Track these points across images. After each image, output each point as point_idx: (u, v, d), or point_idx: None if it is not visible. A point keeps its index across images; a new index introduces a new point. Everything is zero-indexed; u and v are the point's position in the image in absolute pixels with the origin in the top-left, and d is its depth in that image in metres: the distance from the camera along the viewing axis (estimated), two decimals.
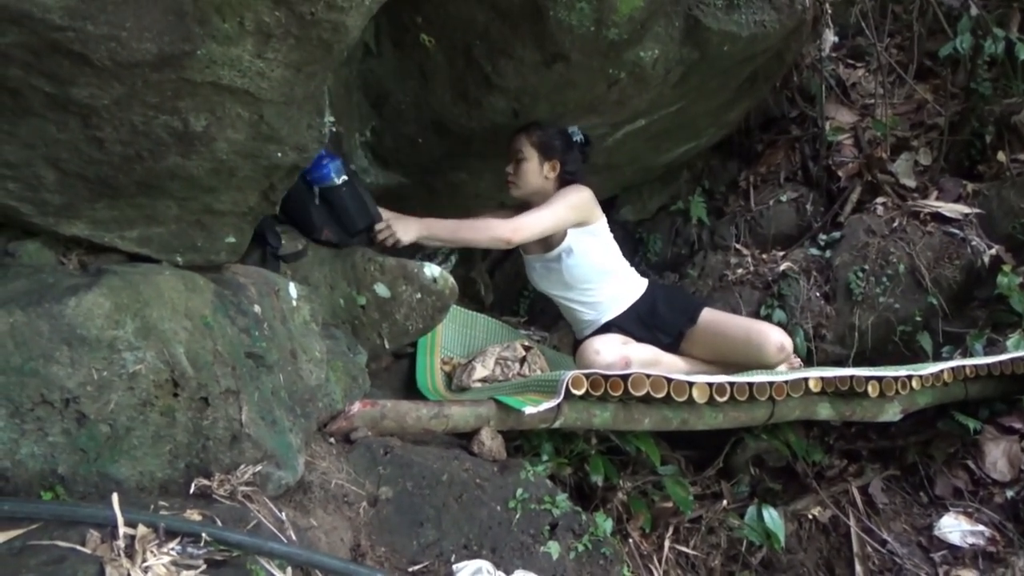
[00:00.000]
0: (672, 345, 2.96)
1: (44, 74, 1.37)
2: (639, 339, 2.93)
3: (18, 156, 1.50)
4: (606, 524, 2.13)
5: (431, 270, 2.59)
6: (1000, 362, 2.90)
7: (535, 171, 2.92)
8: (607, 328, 2.97)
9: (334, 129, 2.39)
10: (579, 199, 2.88)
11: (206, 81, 1.51)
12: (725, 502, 2.74)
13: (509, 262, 4.21)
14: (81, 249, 1.77)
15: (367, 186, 2.79)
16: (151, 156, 1.59)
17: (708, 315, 2.95)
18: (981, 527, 2.71)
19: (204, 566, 1.27)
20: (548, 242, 2.96)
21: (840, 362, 3.39)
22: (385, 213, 2.65)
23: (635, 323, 2.98)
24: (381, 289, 2.52)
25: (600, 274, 3.00)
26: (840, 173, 4.01)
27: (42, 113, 1.44)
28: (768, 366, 2.77)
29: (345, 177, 2.54)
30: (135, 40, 1.36)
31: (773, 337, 2.77)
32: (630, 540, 2.46)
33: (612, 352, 2.69)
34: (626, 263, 3.10)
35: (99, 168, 1.57)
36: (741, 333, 2.84)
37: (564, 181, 2.94)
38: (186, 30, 1.43)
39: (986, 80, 3.76)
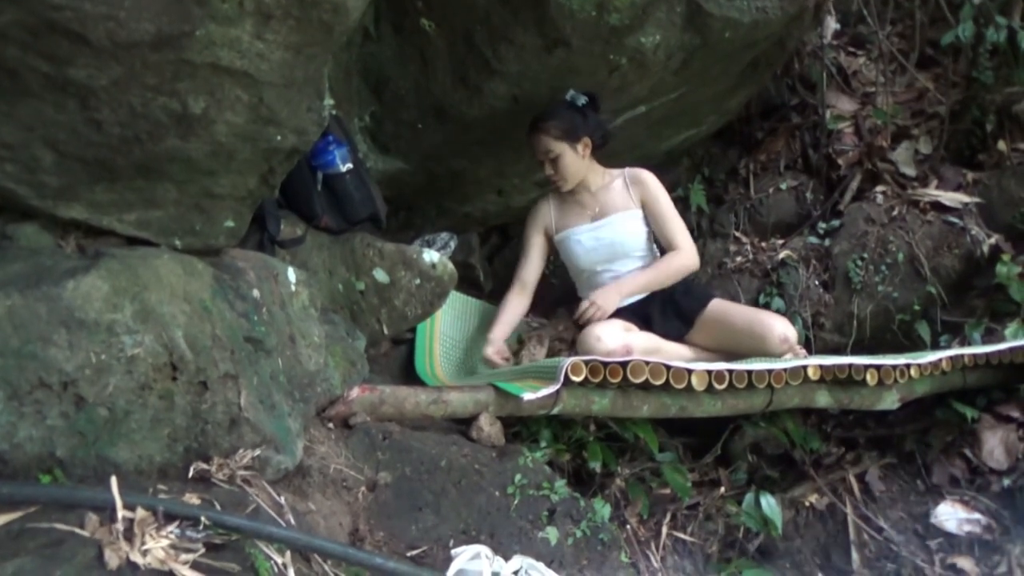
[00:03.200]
0: (682, 332, 2.96)
1: (42, 54, 1.35)
2: (654, 324, 2.94)
3: (16, 137, 1.49)
4: (604, 510, 2.13)
5: (430, 256, 2.59)
6: (998, 351, 2.90)
7: (573, 159, 2.92)
8: (621, 312, 2.96)
9: (334, 113, 2.37)
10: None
11: (205, 62, 1.50)
12: (723, 489, 2.75)
13: (508, 249, 4.20)
14: (79, 232, 1.76)
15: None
16: (149, 138, 1.58)
17: (717, 303, 2.97)
18: (977, 515, 2.72)
19: (203, 549, 1.27)
20: (604, 208, 3.01)
21: (838, 350, 3.39)
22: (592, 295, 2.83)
23: (656, 308, 2.99)
24: (380, 275, 2.51)
25: (645, 249, 3.05)
26: (840, 161, 3.99)
27: (40, 94, 1.43)
28: (771, 357, 2.77)
29: (350, 165, 2.53)
30: (133, 20, 1.35)
31: (776, 328, 2.77)
32: (628, 526, 2.47)
33: (613, 339, 2.68)
34: (658, 253, 3.14)
35: (97, 150, 1.56)
36: (744, 323, 2.85)
37: (596, 147, 2.98)
38: (185, 10, 1.41)
39: (988, 69, 3.73)
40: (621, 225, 3.00)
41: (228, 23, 1.47)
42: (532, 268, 3.15)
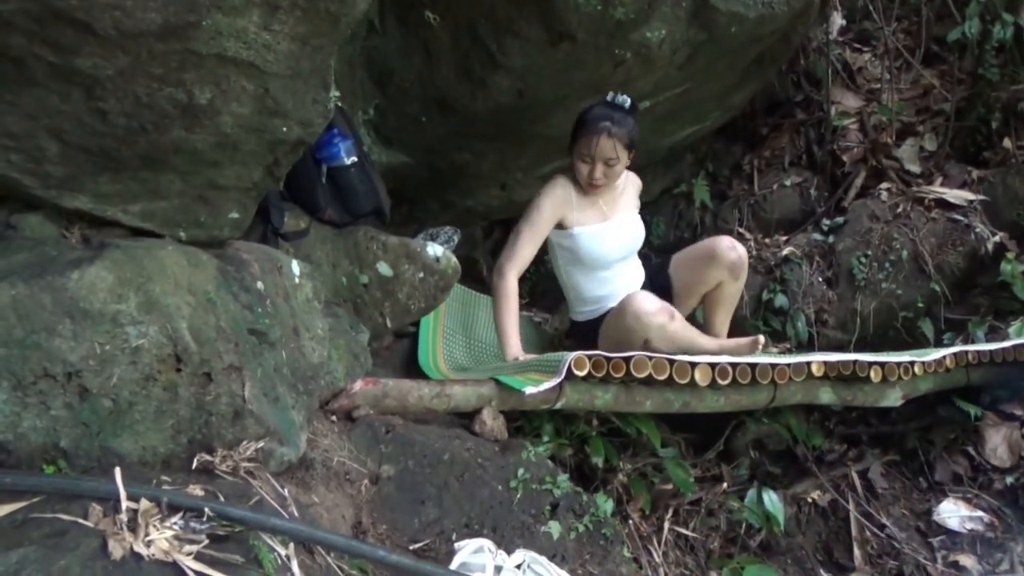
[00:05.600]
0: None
1: (47, 43, 1.35)
2: None
3: (20, 127, 1.48)
4: (607, 505, 2.13)
5: (434, 249, 2.58)
6: (1002, 349, 2.89)
7: (623, 168, 2.86)
8: None
9: (339, 105, 2.37)
10: None
11: (211, 53, 1.49)
12: (725, 485, 2.74)
13: None
14: (83, 223, 1.76)
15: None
16: (155, 129, 1.57)
17: (675, 257, 3.11)
18: (980, 513, 2.72)
19: (206, 541, 1.27)
20: (612, 208, 2.99)
21: (841, 347, 3.39)
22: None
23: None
24: (383, 268, 2.51)
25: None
26: (845, 158, 3.99)
27: (45, 83, 1.42)
28: (730, 271, 2.90)
29: (355, 158, 2.52)
30: (140, 9, 1.34)
31: (722, 241, 2.91)
32: (630, 521, 2.47)
33: (656, 300, 2.69)
34: None
35: (102, 140, 1.56)
36: (696, 251, 3.01)
37: None
38: (191, 0, 1.41)
39: (993, 66, 3.72)
40: (634, 224, 3.01)
41: (235, 13, 1.46)
42: (534, 247, 2.85)
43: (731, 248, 2.88)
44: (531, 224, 2.82)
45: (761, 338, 2.79)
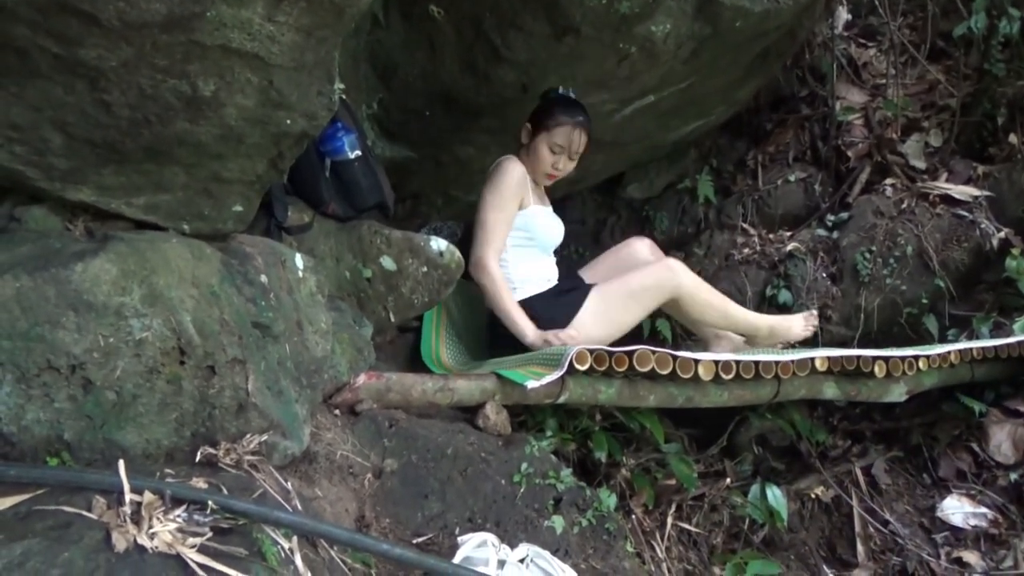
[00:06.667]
0: None
1: (51, 34, 1.34)
2: None
3: (24, 118, 1.47)
4: (610, 500, 2.13)
5: (438, 244, 2.57)
6: (1007, 345, 2.89)
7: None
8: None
9: (343, 98, 2.36)
10: None
11: (215, 44, 1.48)
12: (728, 480, 2.74)
13: None
14: (87, 215, 1.75)
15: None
16: (159, 121, 1.56)
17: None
18: (984, 509, 2.72)
19: (210, 533, 1.27)
20: (547, 198, 3.04)
21: (845, 343, 3.38)
22: None
23: None
24: (387, 262, 2.50)
25: None
26: (849, 153, 3.98)
27: (49, 75, 1.41)
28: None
29: (359, 152, 2.51)
30: (144, 0, 1.34)
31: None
32: (633, 516, 2.47)
33: None
34: None
35: (106, 132, 1.55)
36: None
37: None
38: None
39: (999, 61, 3.71)
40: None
41: (239, 4, 1.45)
42: (507, 231, 2.81)
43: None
44: (499, 208, 2.77)
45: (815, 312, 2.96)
